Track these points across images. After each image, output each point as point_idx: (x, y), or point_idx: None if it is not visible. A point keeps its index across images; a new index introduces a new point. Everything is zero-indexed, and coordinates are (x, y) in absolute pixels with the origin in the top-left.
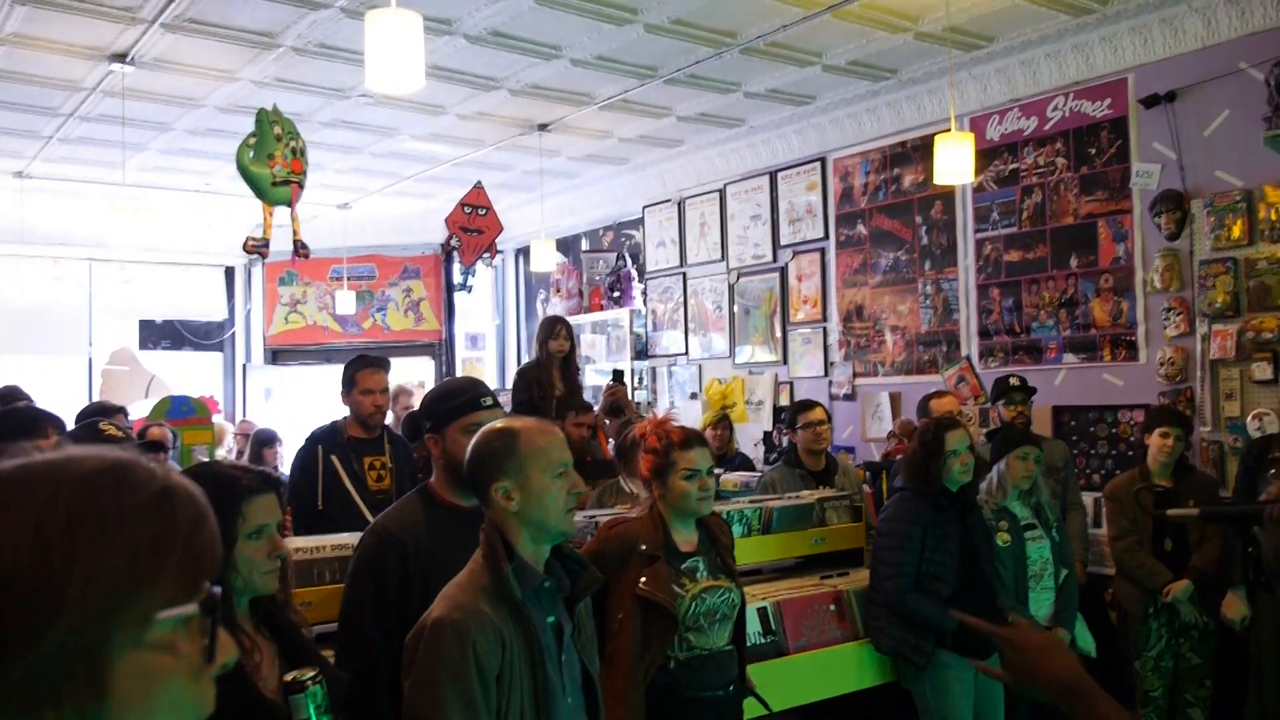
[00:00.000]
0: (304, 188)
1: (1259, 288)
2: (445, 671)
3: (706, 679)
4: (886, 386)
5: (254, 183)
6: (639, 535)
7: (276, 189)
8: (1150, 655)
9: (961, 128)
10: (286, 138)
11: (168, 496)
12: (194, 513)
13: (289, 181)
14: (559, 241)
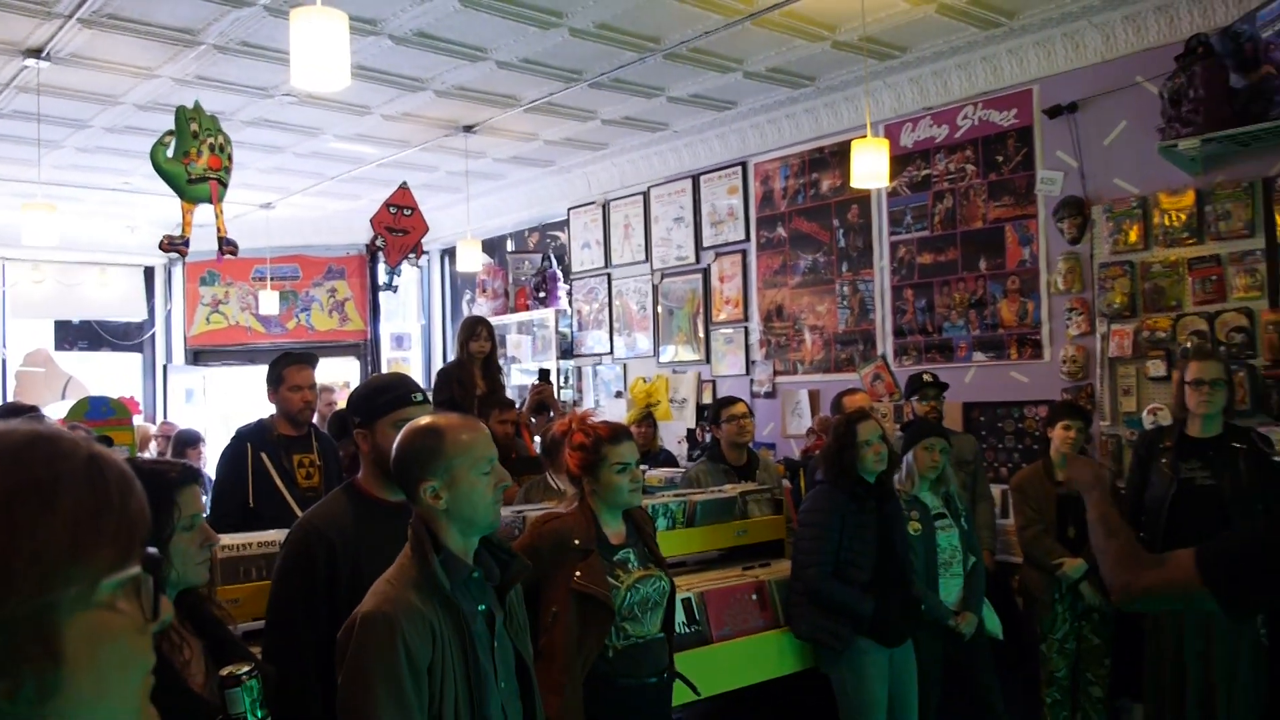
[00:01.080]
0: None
1: (1154, 289)
2: (376, 664)
3: (642, 667)
4: (805, 384)
5: (170, 180)
6: (571, 530)
7: (194, 186)
8: (1055, 638)
9: (876, 134)
10: (204, 134)
11: (97, 465)
12: (123, 479)
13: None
14: (485, 242)
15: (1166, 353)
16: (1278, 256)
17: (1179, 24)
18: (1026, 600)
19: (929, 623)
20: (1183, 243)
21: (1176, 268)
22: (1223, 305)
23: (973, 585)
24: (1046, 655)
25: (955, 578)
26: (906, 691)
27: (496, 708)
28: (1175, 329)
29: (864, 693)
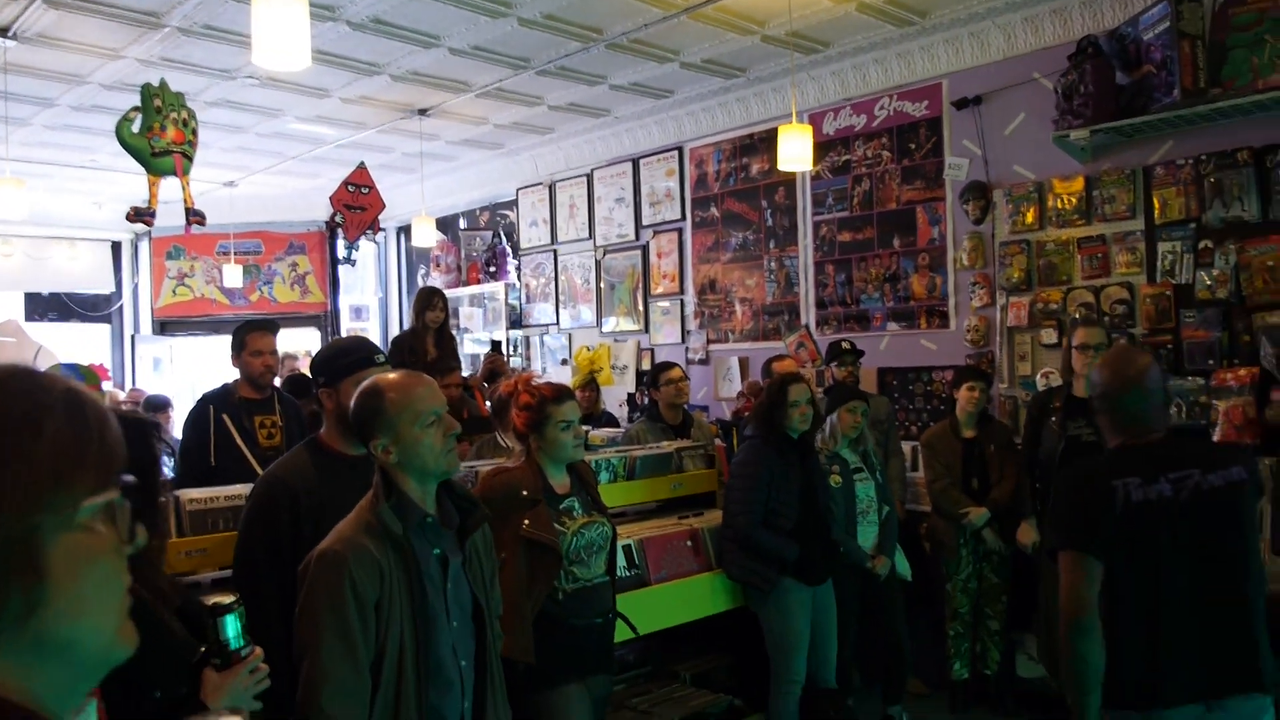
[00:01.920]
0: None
1: (1047, 265)
2: (325, 598)
3: (590, 608)
4: (736, 352)
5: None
6: (520, 481)
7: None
8: (960, 578)
9: (801, 122)
10: (168, 109)
11: (74, 397)
12: (99, 411)
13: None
14: (439, 220)
15: (1058, 322)
16: (1155, 236)
17: (1072, 26)
18: (934, 545)
19: (848, 565)
20: (1073, 224)
21: (1067, 246)
22: (1107, 280)
23: (886, 532)
24: (951, 594)
25: (871, 525)
26: (827, 626)
27: (447, 646)
28: (1065, 301)
29: (789, 628)
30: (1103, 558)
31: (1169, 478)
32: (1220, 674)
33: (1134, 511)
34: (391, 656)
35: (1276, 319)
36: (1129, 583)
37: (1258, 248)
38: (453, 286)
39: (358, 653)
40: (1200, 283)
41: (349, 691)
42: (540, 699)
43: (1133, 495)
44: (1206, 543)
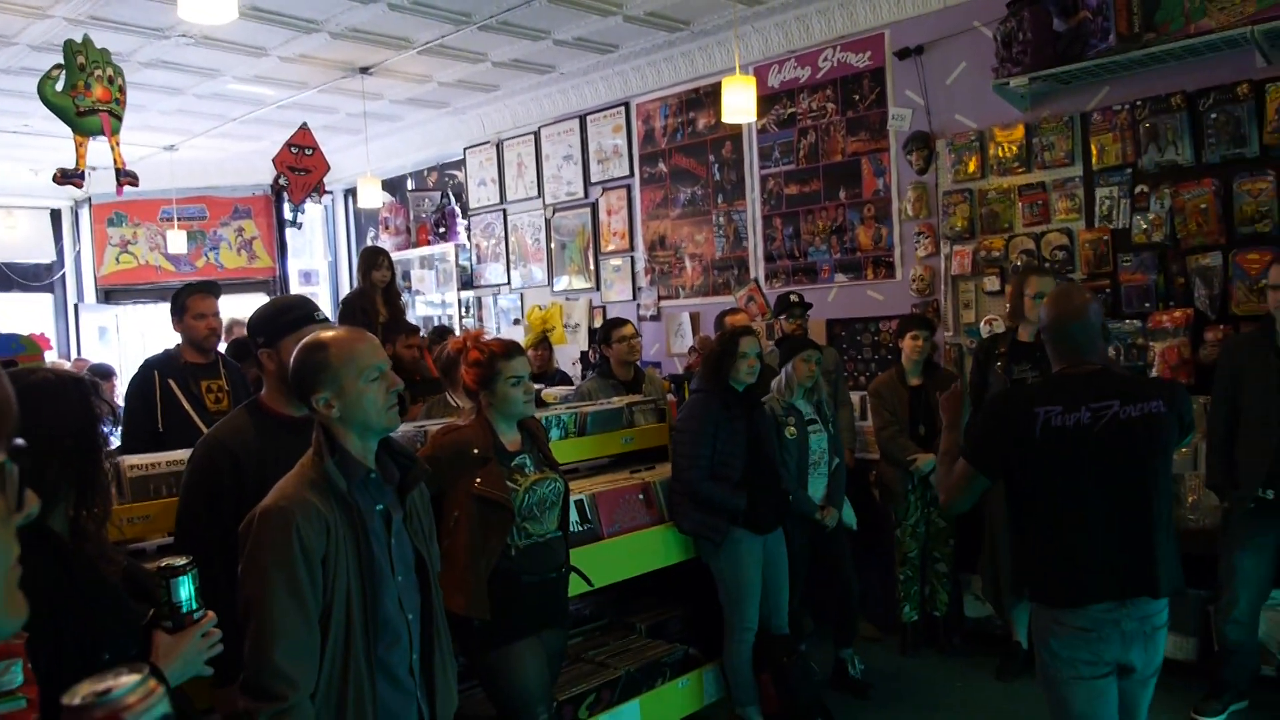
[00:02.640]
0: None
1: (990, 214)
2: (272, 554)
3: (543, 564)
4: (687, 307)
5: (59, 113)
6: (470, 439)
7: (84, 119)
8: (908, 524)
9: (746, 75)
10: (92, 66)
11: None
12: None
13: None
14: (386, 182)
15: (1000, 270)
16: (1093, 182)
17: None
18: (883, 492)
19: (798, 516)
20: (1014, 171)
21: (1009, 194)
22: (1048, 226)
23: (836, 482)
24: (900, 539)
25: (822, 476)
26: (778, 575)
27: (392, 599)
28: (1008, 249)
29: (740, 577)
30: (995, 478)
31: (1090, 407)
32: (1127, 578)
33: (1053, 435)
34: (339, 611)
35: (1209, 261)
36: (1051, 497)
37: (1190, 191)
38: (402, 248)
39: (307, 607)
40: (1136, 227)
41: (301, 645)
42: (495, 654)
43: (1053, 421)
44: (1118, 466)
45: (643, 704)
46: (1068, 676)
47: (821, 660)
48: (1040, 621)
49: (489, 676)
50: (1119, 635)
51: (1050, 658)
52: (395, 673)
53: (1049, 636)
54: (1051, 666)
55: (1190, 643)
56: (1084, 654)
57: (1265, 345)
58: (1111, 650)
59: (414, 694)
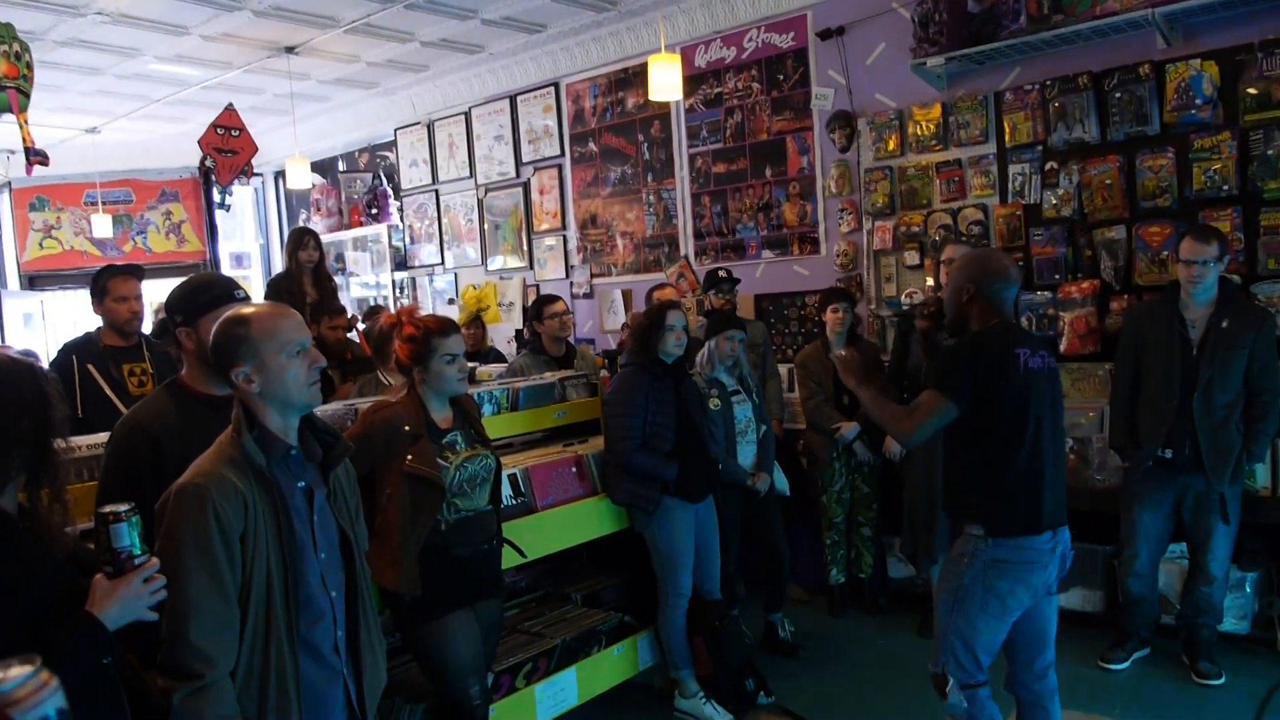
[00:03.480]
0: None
1: (909, 190)
2: (188, 532)
3: (472, 537)
4: (619, 285)
5: None
6: (401, 417)
7: None
8: (834, 490)
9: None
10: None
11: None
12: None
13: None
14: (316, 163)
15: (920, 244)
16: (1006, 159)
17: None
18: (809, 460)
19: (730, 483)
20: (932, 149)
21: (927, 171)
22: (964, 202)
23: (764, 450)
24: (826, 505)
25: (750, 445)
26: (710, 541)
27: (315, 576)
28: (926, 224)
29: (673, 545)
30: (964, 409)
31: (1040, 354)
32: (1059, 508)
33: (1030, 375)
34: (259, 588)
35: (1114, 235)
36: (1022, 433)
37: (1097, 167)
38: (335, 230)
39: (225, 584)
40: (1047, 202)
41: (218, 622)
42: (427, 628)
43: (1029, 362)
44: (1056, 408)
45: (579, 671)
46: (999, 611)
47: (753, 623)
48: (978, 558)
49: (421, 650)
50: (1054, 561)
51: (985, 593)
52: (319, 650)
53: (992, 576)
54: (984, 600)
55: (1097, 595)
56: (1022, 589)
57: (1167, 314)
58: (1047, 575)
59: (340, 671)
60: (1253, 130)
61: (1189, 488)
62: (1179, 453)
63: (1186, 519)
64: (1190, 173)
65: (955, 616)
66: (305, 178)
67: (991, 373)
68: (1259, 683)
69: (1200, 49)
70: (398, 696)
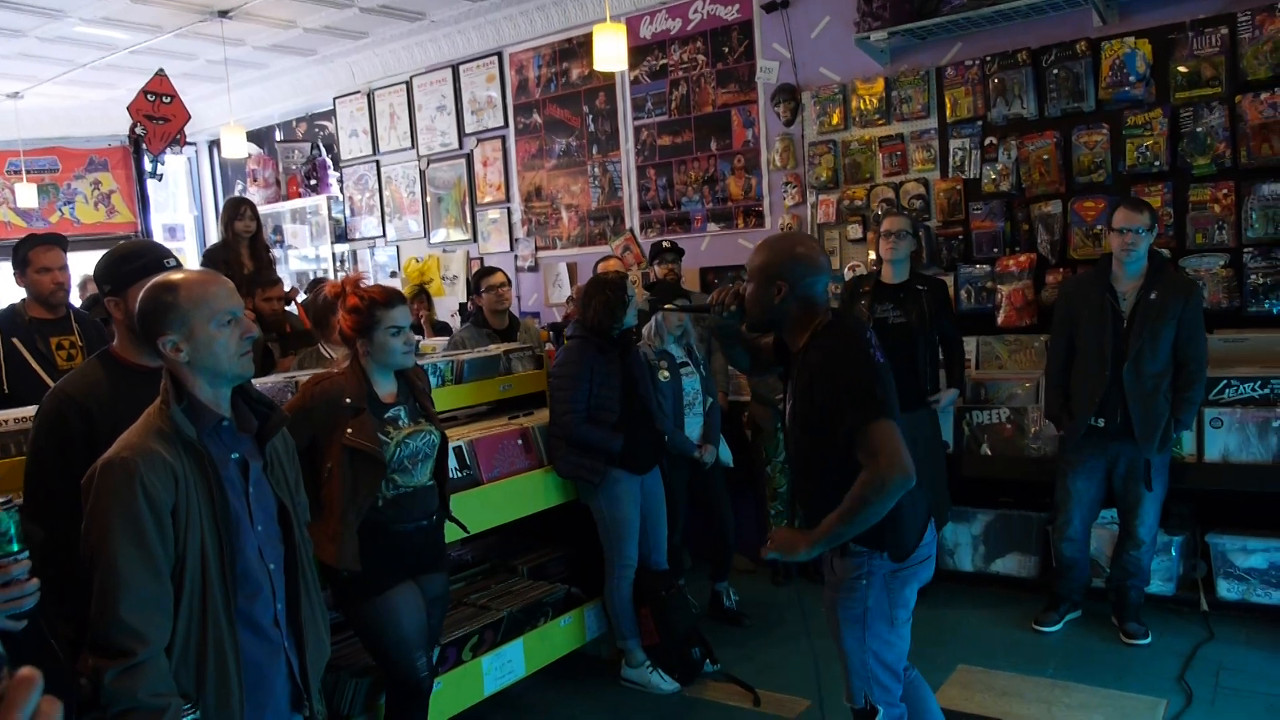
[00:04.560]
0: None
1: (852, 164)
2: (116, 506)
3: (412, 512)
4: (564, 258)
5: None
6: (343, 389)
7: None
8: (778, 460)
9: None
10: None
11: None
12: None
13: None
14: (253, 133)
15: (863, 218)
16: (948, 134)
17: None
18: (754, 431)
19: (676, 456)
20: (875, 124)
21: (870, 145)
22: (906, 176)
23: (711, 422)
24: (771, 475)
25: (697, 416)
26: (657, 513)
27: (252, 550)
28: (869, 198)
29: (619, 516)
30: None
31: (874, 345)
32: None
33: (882, 370)
34: (193, 563)
35: (1050, 209)
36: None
37: (1034, 143)
38: (272, 201)
39: (156, 560)
40: (986, 177)
41: (149, 598)
42: (369, 604)
43: (878, 356)
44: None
45: (526, 643)
46: (905, 618)
47: (698, 593)
48: (876, 575)
49: (363, 626)
50: (935, 545)
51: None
52: (259, 624)
53: (894, 586)
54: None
55: (1032, 560)
56: (914, 585)
57: (1099, 286)
58: (927, 574)
59: (280, 645)
60: (1183, 107)
61: (1120, 455)
62: (1110, 421)
63: (1117, 486)
64: (1124, 149)
65: (868, 641)
66: (240, 147)
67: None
68: (1183, 641)
69: (1134, 27)
70: (343, 671)
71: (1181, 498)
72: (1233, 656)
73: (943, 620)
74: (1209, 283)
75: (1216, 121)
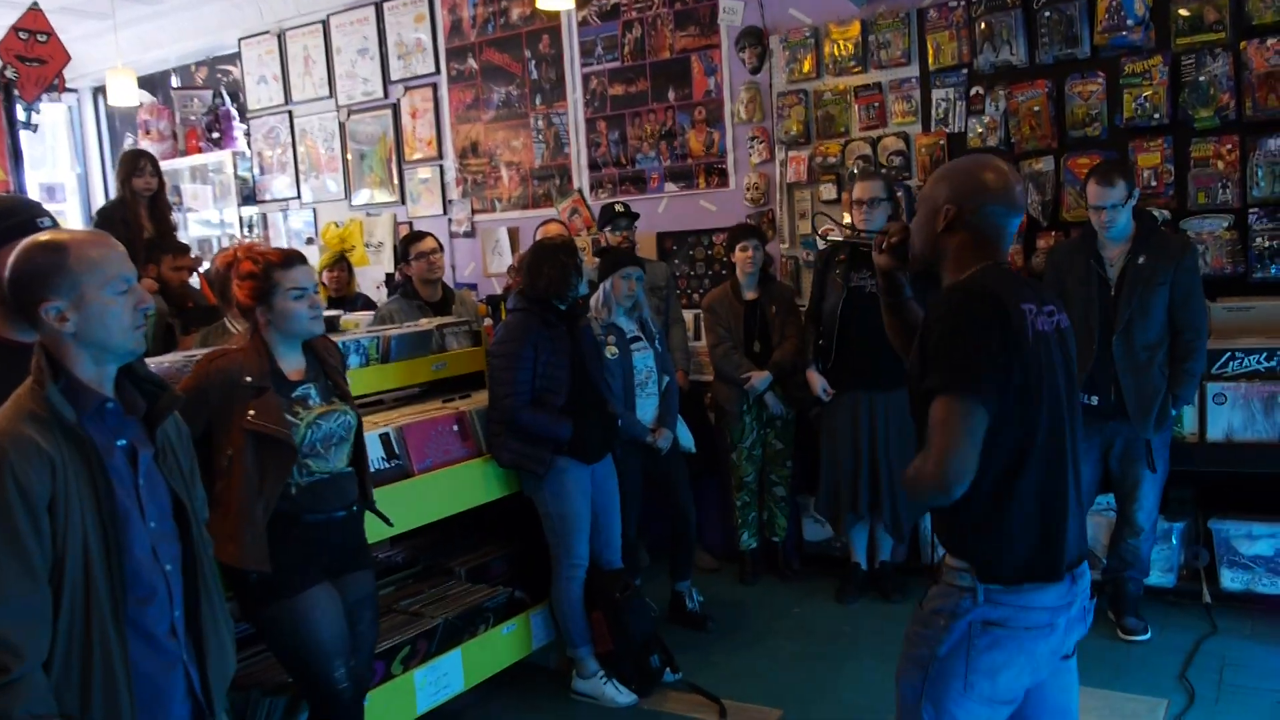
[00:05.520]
0: None
1: (825, 117)
2: None
3: (328, 502)
4: (504, 222)
5: None
6: (242, 366)
7: None
8: (744, 446)
9: None
10: None
11: None
12: None
13: None
14: (145, 78)
15: (837, 176)
16: (930, 83)
17: None
18: (717, 415)
19: (628, 440)
20: (850, 71)
21: (845, 96)
22: (884, 130)
23: (667, 403)
24: (736, 463)
25: (651, 397)
26: (609, 505)
27: (144, 549)
28: (844, 154)
29: (567, 510)
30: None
31: (1045, 310)
32: (1082, 540)
33: (1040, 344)
34: (75, 563)
35: (1041, 166)
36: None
37: (1024, 93)
38: (169, 157)
39: (31, 561)
40: (972, 130)
41: (25, 607)
42: (280, 608)
43: (1037, 323)
44: (1071, 385)
45: (465, 653)
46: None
47: (657, 594)
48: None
49: (273, 634)
50: (1071, 619)
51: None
52: (152, 632)
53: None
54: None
55: None
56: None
57: (1085, 252)
58: (1061, 641)
59: (178, 656)
60: (1184, 54)
61: (1116, 435)
62: (1104, 399)
63: (1114, 468)
64: (1121, 100)
65: (925, 702)
66: (130, 94)
67: (1007, 344)
68: (1185, 637)
69: None
70: (254, 689)
71: (1182, 481)
72: (1237, 651)
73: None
74: (1211, 246)
75: (1220, 70)
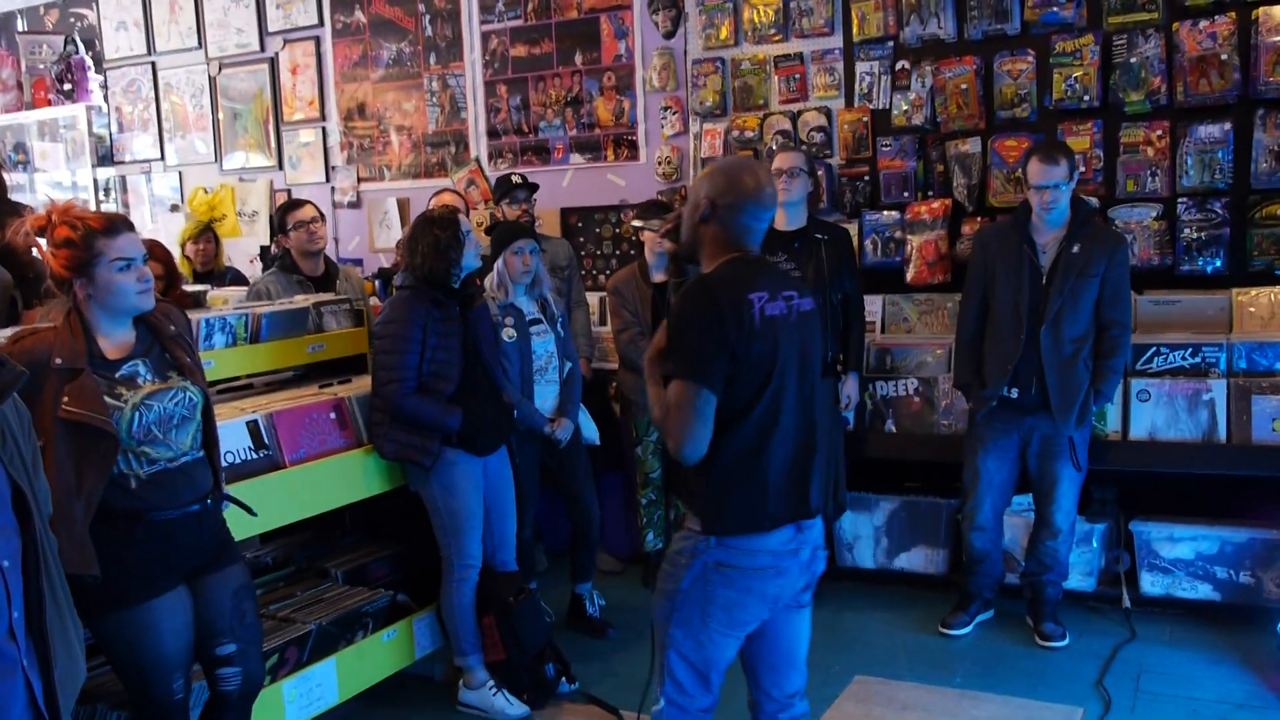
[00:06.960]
0: None
1: (743, 88)
2: None
3: (178, 494)
4: (394, 192)
5: None
6: (51, 346)
7: None
8: (650, 440)
9: None
10: None
11: None
12: None
13: None
14: None
15: (754, 152)
16: (854, 55)
17: None
18: (623, 405)
19: (524, 431)
20: (770, 39)
21: (764, 66)
22: (805, 104)
23: (568, 391)
24: (642, 457)
25: (551, 384)
26: (503, 501)
27: None
28: (762, 128)
29: (458, 507)
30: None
31: (783, 295)
32: (803, 498)
33: (770, 328)
34: None
35: (968, 148)
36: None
37: (952, 69)
38: (13, 110)
39: None
40: (897, 107)
41: None
42: (120, 618)
43: (768, 310)
44: (806, 363)
45: (340, 662)
46: (725, 623)
47: (555, 598)
48: (699, 559)
49: (110, 642)
50: (798, 565)
51: (707, 601)
52: None
53: (715, 582)
54: (705, 610)
55: (940, 555)
56: (754, 600)
57: (1017, 236)
58: (790, 583)
59: (17, 661)
60: (1116, 34)
61: (1034, 430)
62: (1025, 392)
63: (1032, 466)
64: (1051, 80)
65: (673, 627)
66: None
67: (730, 333)
68: (1103, 643)
69: None
70: (99, 702)
71: (1104, 480)
72: (1155, 658)
73: (839, 625)
74: (1139, 237)
75: (1152, 52)
